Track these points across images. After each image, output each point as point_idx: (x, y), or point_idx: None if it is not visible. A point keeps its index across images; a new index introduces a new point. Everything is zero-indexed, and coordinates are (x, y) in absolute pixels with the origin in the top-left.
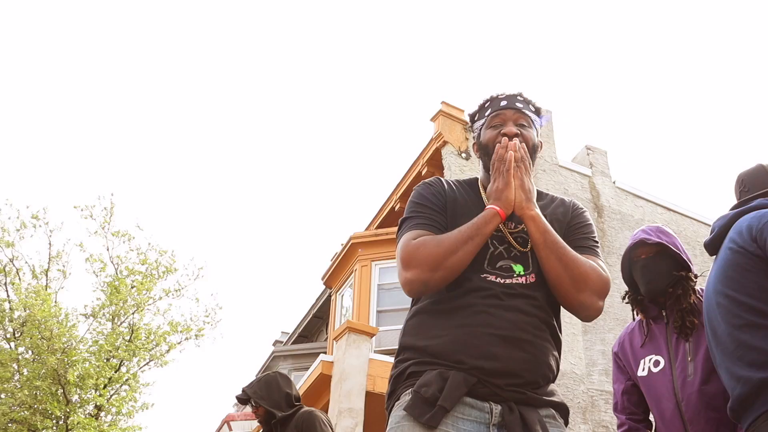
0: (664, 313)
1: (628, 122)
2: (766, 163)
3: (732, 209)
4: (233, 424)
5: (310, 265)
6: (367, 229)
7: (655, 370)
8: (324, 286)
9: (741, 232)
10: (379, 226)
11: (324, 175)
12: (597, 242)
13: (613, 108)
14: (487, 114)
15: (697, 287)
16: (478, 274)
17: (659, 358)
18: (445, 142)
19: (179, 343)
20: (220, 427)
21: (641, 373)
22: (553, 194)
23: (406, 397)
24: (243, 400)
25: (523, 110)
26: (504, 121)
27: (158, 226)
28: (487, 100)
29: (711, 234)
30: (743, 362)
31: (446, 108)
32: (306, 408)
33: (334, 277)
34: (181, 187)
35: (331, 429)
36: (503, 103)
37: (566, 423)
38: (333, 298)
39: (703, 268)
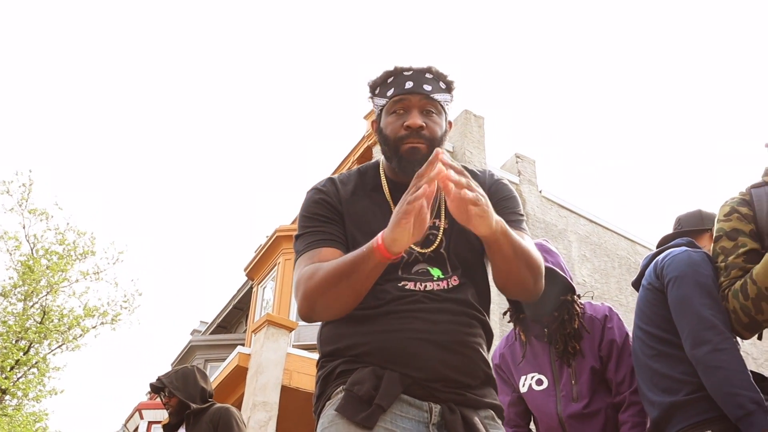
0: (546, 331)
1: (558, 134)
2: (705, 209)
3: (657, 247)
4: (145, 412)
5: (233, 256)
6: (293, 222)
7: (537, 388)
8: (246, 278)
9: (651, 270)
10: None
11: (254, 165)
12: (523, 214)
13: (544, 119)
14: (389, 94)
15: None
16: (395, 283)
17: (542, 377)
18: (376, 142)
19: (94, 327)
20: (132, 415)
21: (522, 389)
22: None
23: (338, 396)
24: (157, 388)
25: (432, 95)
26: (408, 108)
27: (78, 207)
28: (390, 74)
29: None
30: (658, 389)
31: None
32: (221, 404)
33: (256, 269)
34: (105, 169)
35: (245, 427)
36: (409, 84)
37: (502, 423)
38: (254, 290)
39: (621, 281)
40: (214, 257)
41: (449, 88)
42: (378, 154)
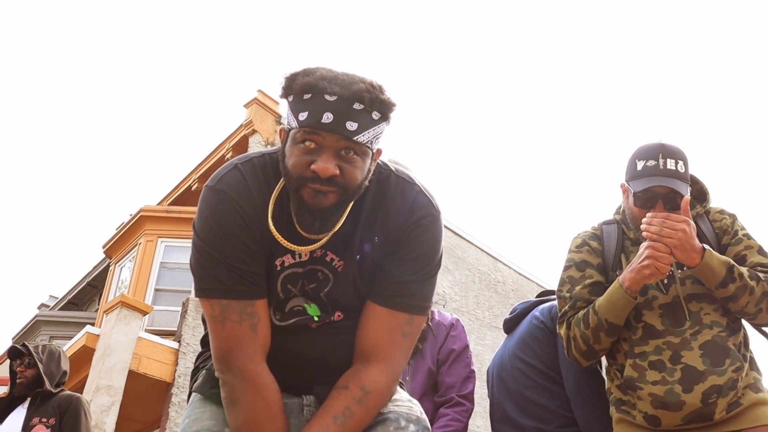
0: None
1: (434, 145)
2: None
3: (537, 297)
4: None
5: (92, 231)
6: (159, 203)
7: None
8: (104, 255)
9: (544, 311)
10: (173, 203)
11: (121, 141)
12: (427, 271)
13: (423, 128)
14: (301, 119)
15: (435, 309)
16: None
17: None
18: (254, 131)
19: None
20: None
21: None
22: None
23: (200, 375)
24: (18, 352)
25: (356, 136)
26: (321, 146)
27: None
28: (308, 88)
29: (511, 314)
30: (530, 416)
31: (262, 97)
32: (72, 392)
33: (116, 247)
34: None
35: (91, 420)
36: (327, 117)
37: None
38: (111, 268)
39: (480, 296)
40: (72, 230)
41: (385, 116)
42: (254, 145)
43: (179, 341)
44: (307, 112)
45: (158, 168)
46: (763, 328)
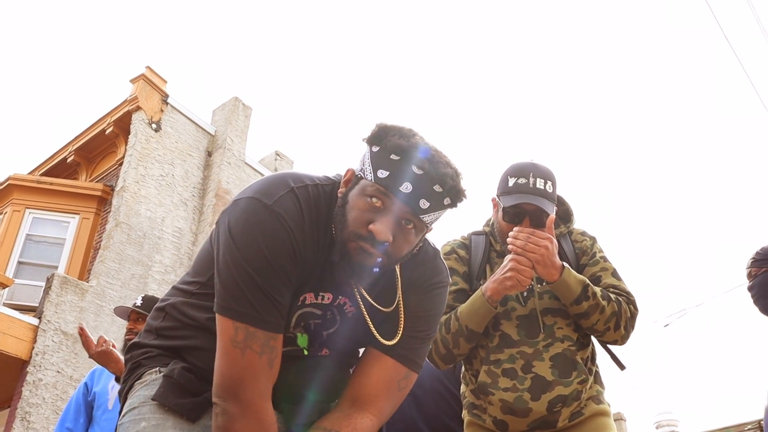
0: None
1: (321, 140)
2: None
3: None
4: None
5: None
6: (30, 173)
7: None
8: None
9: None
10: (45, 174)
11: None
12: (429, 332)
13: (311, 123)
14: (380, 176)
15: None
16: None
17: None
18: (138, 108)
19: None
20: None
21: None
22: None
23: (150, 376)
24: None
25: (423, 215)
26: (387, 209)
27: None
28: (398, 150)
29: None
30: None
31: (150, 74)
32: None
33: None
34: None
35: None
36: (406, 187)
37: None
38: None
39: None
40: None
41: (454, 204)
42: (137, 122)
43: (40, 318)
44: (388, 173)
45: (31, 135)
46: (609, 346)
